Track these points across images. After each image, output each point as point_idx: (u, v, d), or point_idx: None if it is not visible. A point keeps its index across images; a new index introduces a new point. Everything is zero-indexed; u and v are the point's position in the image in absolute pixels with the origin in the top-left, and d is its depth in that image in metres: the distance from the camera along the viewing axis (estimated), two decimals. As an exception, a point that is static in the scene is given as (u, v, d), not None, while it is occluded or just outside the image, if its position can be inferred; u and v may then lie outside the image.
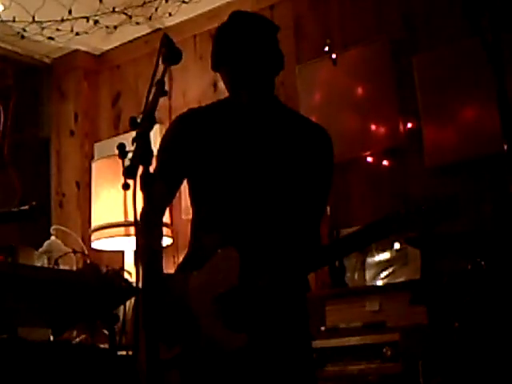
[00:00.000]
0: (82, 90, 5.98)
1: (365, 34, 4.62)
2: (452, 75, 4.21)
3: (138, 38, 5.69)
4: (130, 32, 5.56)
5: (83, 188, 5.70)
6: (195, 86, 5.41)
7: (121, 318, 3.26)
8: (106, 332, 3.48)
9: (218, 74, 5.38)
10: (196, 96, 5.36)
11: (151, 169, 1.78)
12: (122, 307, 3.32)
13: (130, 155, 1.77)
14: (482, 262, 2.49)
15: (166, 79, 5.66)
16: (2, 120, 5.66)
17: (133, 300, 3.27)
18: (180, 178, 2.46)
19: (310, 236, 2.35)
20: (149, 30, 5.60)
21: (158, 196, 2.26)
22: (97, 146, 5.86)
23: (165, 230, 4.88)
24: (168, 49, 2.07)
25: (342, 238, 2.28)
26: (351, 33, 4.71)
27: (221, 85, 5.22)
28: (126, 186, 1.71)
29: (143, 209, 1.95)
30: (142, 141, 1.79)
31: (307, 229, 2.34)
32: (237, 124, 2.42)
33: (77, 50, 5.88)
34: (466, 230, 3.19)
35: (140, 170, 1.74)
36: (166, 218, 4.88)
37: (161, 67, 2.06)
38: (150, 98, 1.96)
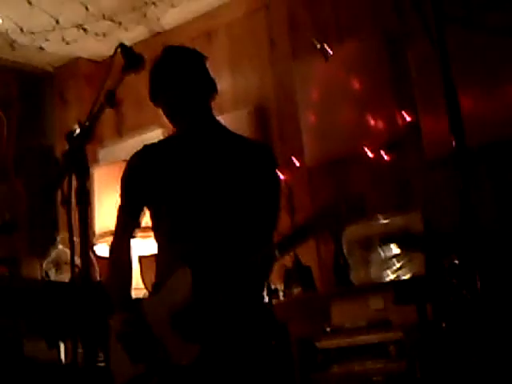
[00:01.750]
0: (85, 97, 5.96)
1: (359, 28, 4.57)
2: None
3: (138, 42, 5.66)
4: (130, 37, 5.53)
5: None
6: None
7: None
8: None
9: (216, 76, 5.38)
10: (196, 98, 5.31)
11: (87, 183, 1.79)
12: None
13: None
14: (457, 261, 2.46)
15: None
16: (5, 130, 5.67)
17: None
18: (142, 208, 2.64)
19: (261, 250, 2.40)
20: (148, 35, 5.58)
21: (125, 227, 2.61)
22: (101, 152, 5.84)
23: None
24: (127, 57, 2.04)
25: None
26: (346, 27, 4.66)
27: (220, 87, 5.24)
28: (65, 202, 1.72)
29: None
30: (74, 156, 1.78)
31: (258, 243, 2.41)
32: (185, 154, 2.59)
33: (78, 58, 5.87)
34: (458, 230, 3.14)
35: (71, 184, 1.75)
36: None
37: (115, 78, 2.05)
38: (95, 109, 1.94)
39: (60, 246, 5.34)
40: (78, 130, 1.86)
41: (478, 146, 3.80)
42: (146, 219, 2.72)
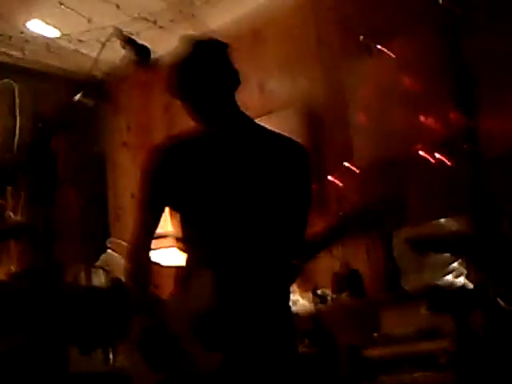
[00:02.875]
0: (134, 102, 5.91)
1: (412, 23, 4.36)
2: (507, 61, 3.92)
3: (183, 42, 5.59)
4: (176, 39, 5.45)
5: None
6: (242, 88, 5.20)
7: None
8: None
9: (264, 76, 5.25)
10: (243, 99, 5.16)
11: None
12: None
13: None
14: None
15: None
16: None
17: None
18: (163, 207, 2.48)
19: (292, 251, 2.29)
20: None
21: (145, 224, 2.44)
22: (151, 156, 5.78)
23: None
24: (129, 48, 1.91)
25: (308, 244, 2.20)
26: (398, 21, 4.45)
27: (268, 86, 5.14)
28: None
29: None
30: (36, 150, 1.65)
31: (289, 244, 2.29)
32: (212, 151, 2.43)
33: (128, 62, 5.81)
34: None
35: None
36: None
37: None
38: (76, 98, 1.81)
39: (109, 251, 5.30)
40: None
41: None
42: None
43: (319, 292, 4.15)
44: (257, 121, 2.57)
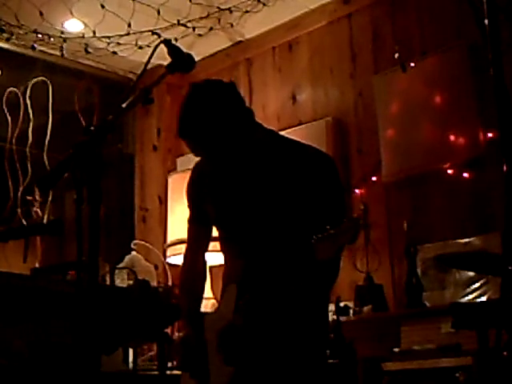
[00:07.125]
0: (165, 105, 5.97)
1: (443, 41, 4.39)
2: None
3: (219, 51, 5.65)
4: (211, 45, 5.52)
5: (165, 203, 5.68)
6: (274, 98, 5.30)
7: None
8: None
9: (297, 87, 5.29)
10: (275, 109, 5.26)
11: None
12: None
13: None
14: None
15: (246, 92, 5.50)
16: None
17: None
18: (208, 221, 2.54)
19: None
20: (229, 43, 5.56)
21: (194, 236, 2.56)
22: (179, 160, 5.84)
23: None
24: (174, 56, 1.96)
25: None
26: (430, 39, 4.49)
27: (300, 97, 5.18)
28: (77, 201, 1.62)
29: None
30: (84, 151, 1.69)
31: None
32: (240, 164, 2.43)
33: (160, 65, 5.86)
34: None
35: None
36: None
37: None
38: (124, 104, 1.85)
39: (134, 252, 5.34)
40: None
41: None
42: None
43: (342, 304, 4.17)
44: (287, 131, 2.56)
